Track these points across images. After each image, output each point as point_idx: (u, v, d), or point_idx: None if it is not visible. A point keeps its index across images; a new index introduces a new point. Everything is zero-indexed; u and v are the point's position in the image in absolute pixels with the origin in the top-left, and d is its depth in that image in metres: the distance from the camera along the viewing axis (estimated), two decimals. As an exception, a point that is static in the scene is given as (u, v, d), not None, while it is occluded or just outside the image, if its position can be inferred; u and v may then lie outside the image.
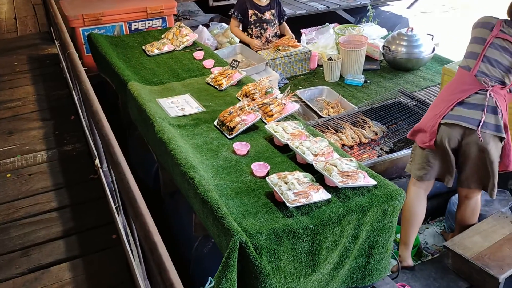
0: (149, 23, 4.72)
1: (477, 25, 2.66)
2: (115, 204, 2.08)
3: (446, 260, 2.70)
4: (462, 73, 2.61)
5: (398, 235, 2.94)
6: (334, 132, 3.34)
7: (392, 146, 3.30)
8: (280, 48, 4.51)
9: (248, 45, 4.65)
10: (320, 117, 3.61)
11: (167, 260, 1.04)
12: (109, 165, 1.89)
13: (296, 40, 4.68)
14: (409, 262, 2.69)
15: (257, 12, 4.59)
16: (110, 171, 1.97)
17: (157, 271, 1.02)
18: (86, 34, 4.40)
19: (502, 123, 2.46)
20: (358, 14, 6.42)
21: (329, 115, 3.66)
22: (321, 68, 4.54)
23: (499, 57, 2.50)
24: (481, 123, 2.42)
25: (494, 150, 2.46)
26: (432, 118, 2.59)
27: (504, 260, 2.49)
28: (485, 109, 2.44)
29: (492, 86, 2.47)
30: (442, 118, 2.52)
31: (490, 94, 2.45)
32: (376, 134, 3.35)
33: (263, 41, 4.65)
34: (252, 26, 4.67)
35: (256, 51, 4.48)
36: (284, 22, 4.82)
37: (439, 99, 2.66)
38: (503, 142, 2.48)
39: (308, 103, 3.81)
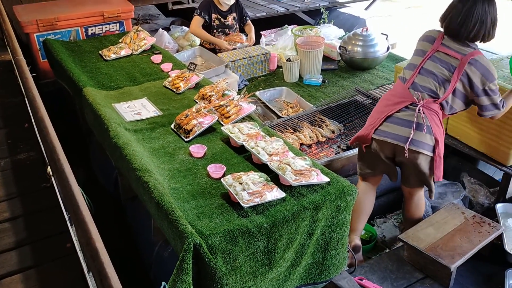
0: (106, 28, 4.66)
1: (421, 38, 2.73)
2: (68, 213, 2.05)
3: (402, 252, 2.78)
4: (398, 84, 2.70)
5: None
6: (293, 131, 3.39)
7: (349, 144, 3.37)
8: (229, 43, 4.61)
9: (209, 49, 4.66)
10: (279, 117, 3.65)
11: (109, 267, 1.04)
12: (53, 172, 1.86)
13: (242, 35, 4.72)
14: (357, 242, 2.81)
15: (220, 17, 4.62)
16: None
17: (98, 278, 1.02)
18: (41, 39, 4.31)
19: (430, 140, 2.52)
20: (317, 16, 6.52)
21: (288, 115, 3.71)
22: (281, 69, 4.59)
23: (435, 69, 2.56)
24: (409, 140, 2.51)
25: (424, 164, 2.58)
26: (367, 127, 2.72)
27: (455, 250, 2.59)
28: (414, 126, 2.52)
29: (423, 100, 2.54)
30: (374, 132, 2.64)
31: (419, 110, 2.52)
32: (333, 132, 3.42)
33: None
34: (215, 30, 4.69)
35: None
36: (250, 23, 4.85)
37: (376, 109, 2.75)
38: (434, 155, 2.56)
39: (268, 104, 3.85)
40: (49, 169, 2.23)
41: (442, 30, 2.64)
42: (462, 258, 2.54)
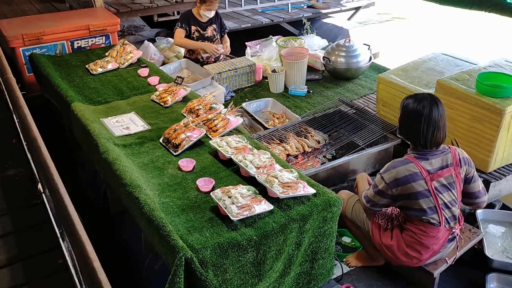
0: (92, 41, 4.69)
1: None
2: (59, 229, 2.08)
3: (387, 260, 2.85)
4: None
5: (344, 238, 3.09)
6: (279, 143, 3.46)
7: (334, 153, 3.46)
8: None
9: (193, 59, 4.71)
10: (265, 128, 3.72)
11: (106, 286, 1.08)
12: (46, 192, 1.89)
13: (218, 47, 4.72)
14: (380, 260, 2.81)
15: (199, 29, 4.67)
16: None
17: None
18: (27, 54, 4.32)
19: None
20: (301, 26, 6.62)
21: (274, 125, 3.78)
22: (266, 80, 4.67)
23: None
24: None
25: None
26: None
27: (436, 256, 2.67)
28: None
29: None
30: None
31: None
32: (319, 142, 3.50)
33: (205, 58, 4.74)
34: None
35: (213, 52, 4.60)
36: (226, 36, 4.92)
37: None
38: None
39: (254, 115, 3.92)
40: (39, 186, 2.26)
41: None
42: (444, 264, 2.62)
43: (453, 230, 2.52)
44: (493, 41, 7.42)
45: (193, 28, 4.66)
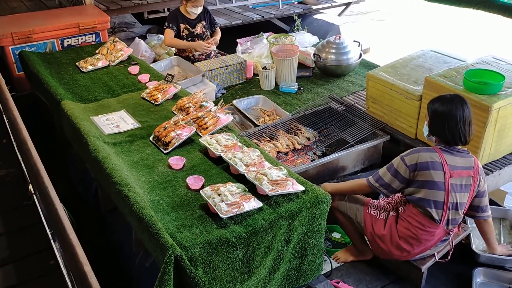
0: (82, 39, 4.68)
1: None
2: (50, 230, 2.09)
3: (376, 254, 2.89)
4: None
5: (334, 234, 3.12)
6: (269, 140, 3.48)
7: (324, 150, 3.49)
8: None
9: (184, 57, 4.71)
10: (256, 125, 3.74)
11: (97, 289, 1.09)
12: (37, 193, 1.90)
13: (210, 42, 4.71)
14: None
15: (188, 27, 4.67)
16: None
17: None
18: (17, 52, 4.30)
19: None
20: (292, 22, 6.64)
21: (265, 123, 3.79)
22: (257, 77, 4.68)
23: None
24: None
25: None
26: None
27: (426, 252, 2.71)
28: None
29: None
30: None
31: None
32: (309, 139, 3.52)
33: (196, 55, 4.74)
34: (185, 40, 4.73)
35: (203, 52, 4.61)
36: (218, 29, 4.91)
37: None
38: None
39: (245, 113, 3.93)
40: (30, 187, 2.26)
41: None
42: (432, 259, 2.66)
43: (450, 232, 2.56)
44: (481, 38, 7.49)
45: (182, 26, 4.65)
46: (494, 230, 2.74)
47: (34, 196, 2.28)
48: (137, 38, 5.65)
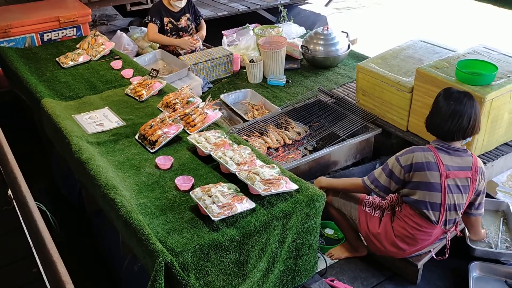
0: (62, 33, 4.51)
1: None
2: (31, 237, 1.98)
3: (371, 251, 2.83)
4: None
5: (327, 230, 3.06)
6: (259, 135, 3.39)
7: (315, 145, 3.41)
8: None
9: (169, 51, 4.58)
10: (245, 120, 3.64)
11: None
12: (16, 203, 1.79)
13: (195, 38, 4.64)
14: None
15: (172, 20, 4.53)
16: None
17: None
18: (-6, 48, 4.12)
19: None
20: (278, 13, 6.52)
21: (254, 117, 3.70)
22: (244, 70, 4.58)
23: None
24: None
25: None
26: None
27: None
28: None
29: None
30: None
31: None
32: (299, 134, 3.44)
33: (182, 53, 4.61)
34: (169, 34, 4.61)
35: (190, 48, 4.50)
36: (203, 22, 4.79)
37: None
38: None
39: (233, 107, 3.83)
40: (9, 191, 2.14)
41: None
42: (428, 255, 2.61)
43: (448, 232, 2.51)
44: (469, 27, 7.47)
45: (165, 20, 4.51)
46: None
47: (14, 201, 2.16)
48: (119, 31, 5.47)
